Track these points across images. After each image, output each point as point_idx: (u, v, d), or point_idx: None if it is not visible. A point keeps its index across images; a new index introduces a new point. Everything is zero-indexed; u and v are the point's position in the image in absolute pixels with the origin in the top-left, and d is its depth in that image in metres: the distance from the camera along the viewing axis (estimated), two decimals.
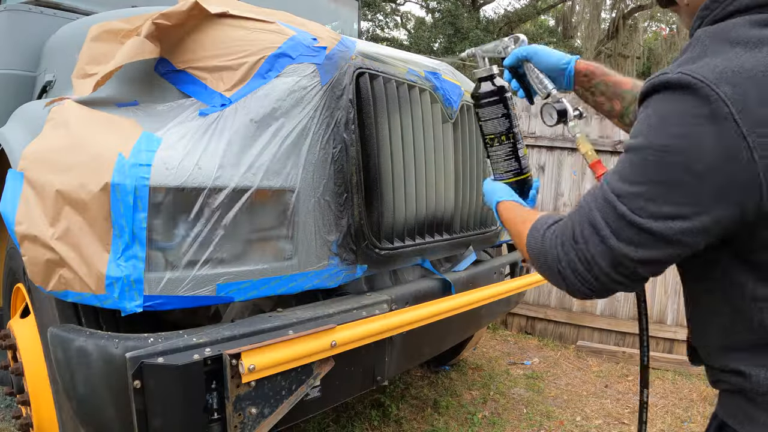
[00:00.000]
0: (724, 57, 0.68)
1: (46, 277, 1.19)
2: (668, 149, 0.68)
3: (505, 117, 1.13)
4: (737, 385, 0.81)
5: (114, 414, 1.10)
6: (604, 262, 0.75)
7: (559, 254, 0.81)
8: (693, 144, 0.67)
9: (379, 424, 2.64)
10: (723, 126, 0.65)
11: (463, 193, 2.06)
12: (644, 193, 0.71)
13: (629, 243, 0.73)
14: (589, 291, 0.80)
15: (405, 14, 16.65)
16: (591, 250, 0.76)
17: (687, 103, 0.67)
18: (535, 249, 0.88)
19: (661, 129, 0.70)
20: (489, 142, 1.15)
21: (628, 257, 0.73)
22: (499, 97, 1.13)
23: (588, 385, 3.39)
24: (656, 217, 0.70)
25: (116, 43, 1.54)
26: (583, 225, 0.78)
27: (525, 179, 1.15)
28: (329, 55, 1.46)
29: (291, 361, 1.19)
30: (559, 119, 1.10)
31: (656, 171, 0.70)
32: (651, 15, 13.94)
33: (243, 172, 1.26)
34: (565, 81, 1.14)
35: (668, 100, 0.70)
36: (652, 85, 0.72)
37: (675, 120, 0.68)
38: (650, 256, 0.73)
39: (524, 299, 4.04)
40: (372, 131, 1.55)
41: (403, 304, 1.62)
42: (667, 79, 0.70)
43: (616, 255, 0.74)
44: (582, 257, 0.78)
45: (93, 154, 1.16)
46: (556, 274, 0.83)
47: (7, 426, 2.28)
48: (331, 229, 1.46)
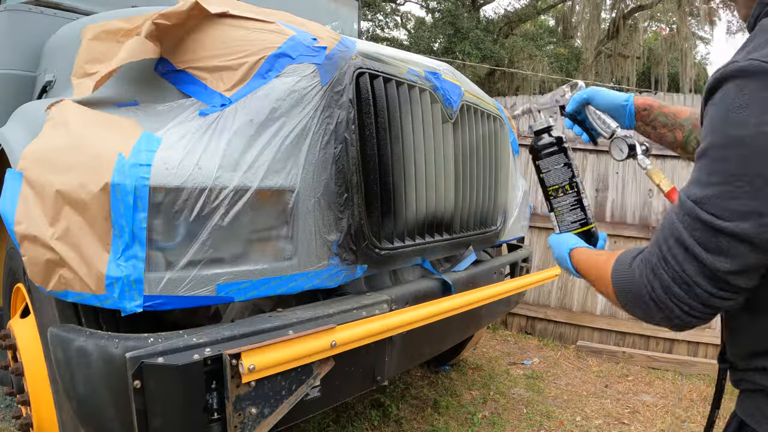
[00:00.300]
0: None
1: (46, 277, 1.19)
2: (749, 139, 0.64)
3: (567, 166, 1.13)
4: (759, 383, 0.79)
5: (114, 414, 1.10)
6: (704, 280, 0.69)
7: (652, 282, 0.74)
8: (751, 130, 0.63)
9: (379, 424, 2.64)
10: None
11: (463, 193, 2.06)
12: (726, 193, 0.66)
13: (720, 253, 0.67)
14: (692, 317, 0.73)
15: (405, 14, 16.65)
16: (686, 268, 0.70)
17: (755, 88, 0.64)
18: (623, 284, 0.80)
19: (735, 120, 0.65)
20: (552, 194, 1.14)
21: (726, 271, 0.68)
22: (559, 147, 1.13)
23: (588, 385, 3.39)
24: (744, 215, 0.65)
25: (115, 42, 1.54)
26: (669, 243, 0.72)
27: (590, 230, 1.13)
28: (329, 55, 1.46)
29: (291, 361, 1.19)
30: (629, 153, 1.08)
31: (732, 165, 0.66)
32: (651, 15, 13.94)
33: (243, 172, 1.26)
34: (626, 118, 1.14)
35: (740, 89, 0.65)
36: (723, 75, 0.68)
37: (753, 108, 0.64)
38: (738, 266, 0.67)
39: (524, 299, 4.05)
40: (372, 131, 1.55)
41: (403, 304, 1.62)
42: (739, 67, 0.66)
43: (710, 269, 0.68)
44: (678, 279, 0.71)
45: (93, 154, 1.16)
46: (651, 305, 0.76)
47: (7, 426, 2.28)
48: (331, 229, 1.46)
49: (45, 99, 1.92)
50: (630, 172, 4.10)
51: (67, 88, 1.73)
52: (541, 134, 1.17)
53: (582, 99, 1.16)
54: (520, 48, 13.03)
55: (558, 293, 4.29)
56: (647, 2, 12.54)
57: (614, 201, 4.14)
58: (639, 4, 12.79)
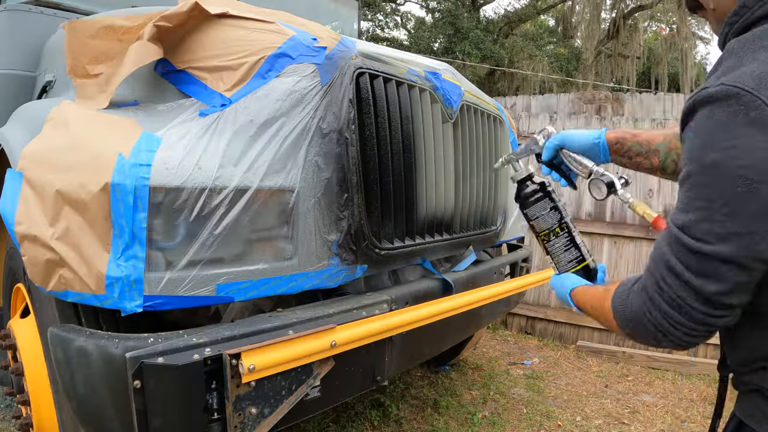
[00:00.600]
0: (760, 62, 0.67)
1: (46, 277, 1.19)
2: (720, 163, 0.66)
3: (554, 209, 1.14)
4: (757, 384, 0.81)
5: (114, 414, 1.10)
6: (697, 303, 0.72)
7: (650, 309, 0.77)
8: (744, 153, 0.65)
9: (379, 424, 2.64)
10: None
11: (463, 193, 2.06)
12: (706, 217, 0.68)
13: (709, 277, 0.70)
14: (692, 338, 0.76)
15: (405, 14, 16.64)
16: (680, 293, 0.73)
17: (729, 113, 0.66)
18: (623, 312, 0.84)
19: (709, 145, 0.68)
20: (545, 238, 1.15)
21: (715, 293, 0.70)
22: (544, 193, 1.15)
23: (588, 385, 3.39)
24: (725, 238, 0.67)
25: (116, 40, 1.54)
26: (662, 271, 0.75)
27: (588, 266, 1.14)
28: (329, 55, 1.46)
29: (291, 361, 1.19)
30: (608, 191, 1.09)
31: (709, 190, 0.68)
32: (651, 15, 13.93)
33: (243, 172, 1.26)
34: (601, 154, 1.15)
35: (709, 114, 0.68)
36: (694, 103, 0.71)
37: (722, 132, 0.66)
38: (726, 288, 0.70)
39: (524, 299, 4.05)
40: (372, 131, 1.55)
41: (403, 304, 1.62)
42: (708, 93, 0.68)
43: (700, 293, 0.71)
44: (674, 304, 0.74)
45: (93, 154, 1.16)
46: (653, 331, 0.78)
47: (7, 426, 2.28)
48: (331, 229, 1.46)
49: (45, 99, 1.92)
50: (630, 171, 4.10)
51: (67, 88, 1.73)
52: (524, 183, 1.18)
53: (554, 145, 1.17)
54: (520, 48, 13.03)
55: None
56: (647, 2, 12.54)
57: (614, 201, 4.14)
58: (639, 4, 12.79)
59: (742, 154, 0.65)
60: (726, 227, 0.67)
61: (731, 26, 0.77)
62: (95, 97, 1.45)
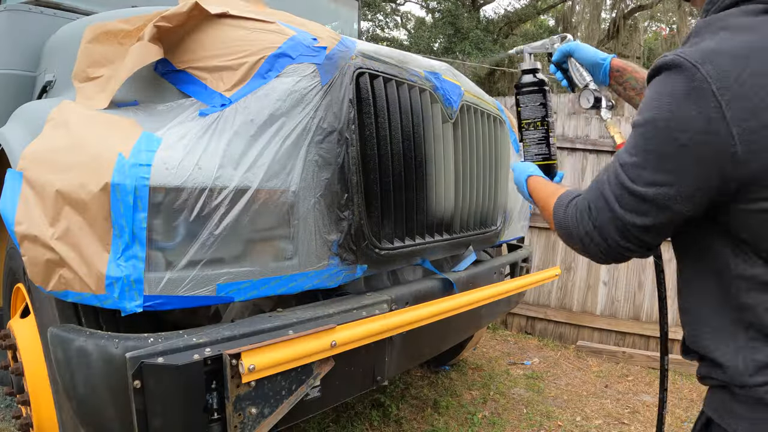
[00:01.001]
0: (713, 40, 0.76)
1: (46, 277, 1.19)
2: (658, 122, 0.77)
3: (542, 106, 1.30)
4: (719, 380, 0.86)
5: (114, 414, 1.10)
6: (613, 229, 0.85)
7: (579, 225, 0.92)
8: (678, 116, 0.75)
9: (379, 424, 2.64)
10: (704, 100, 0.72)
11: (463, 193, 2.06)
12: (640, 163, 0.80)
13: (631, 210, 0.82)
14: (603, 256, 0.90)
15: (405, 14, 16.64)
16: (601, 219, 0.86)
17: (676, 81, 0.75)
18: (559, 221, 0.99)
19: (654, 105, 0.78)
20: (525, 126, 1.30)
21: (631, 224, 0.83)
22: (539, 88, 1.30)
23: (588, 385, 3.39)
24: (649, 184, 0.79)
25: (117, 44, 1.54)
26: (597, 198, 0.88)
27: (551, 165, 1.29)
28: (329, 55, 1.46)
29: (291, 361, 1.19)
30: (594, 104, 1.24)
31: (648, 142, 0.79)
32: (651, 15, 13.93)
33: (243, 172, 1.26)
34: (601, 75, 1.28)
35: (663, 80, 0.78)
36: (655, 67, 0.81)
37: (665, 96, 0.77)
38: (649, 223, 0.82)
39: (524, 299, 4.05)
40: (372, 131, 1.55)
41: (403, 304, 1.62)
42: (663, 61, 0.79)
43: (622, 223, 0.84)
44: (596, 226, 0.88)
45: (93, 154, 1.16)
46: (577, 242, 0.93)
47: (7, 426, 2.28)
48: (331, 229, 1.46)
49: (45, 99, 1.93)
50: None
51: (67, 88, 1.73)
52: (528, 73, 1.32)
53: (565, 50, 1.31)
54: None
55: (558, 293, 4.29)
56: (647, 2, 12.53)
57: None
58: (639, 4, 12.79)
59: (676, 120, 0.75)
60: (653, 175, 0.79)
61: (707, 12, 0.85)
62: (95, 97, 1.45)
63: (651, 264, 3.99)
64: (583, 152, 4.24)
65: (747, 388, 0.81)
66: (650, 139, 0.79)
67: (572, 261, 4.23)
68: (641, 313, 4.02)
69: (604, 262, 0.92)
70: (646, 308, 4.01)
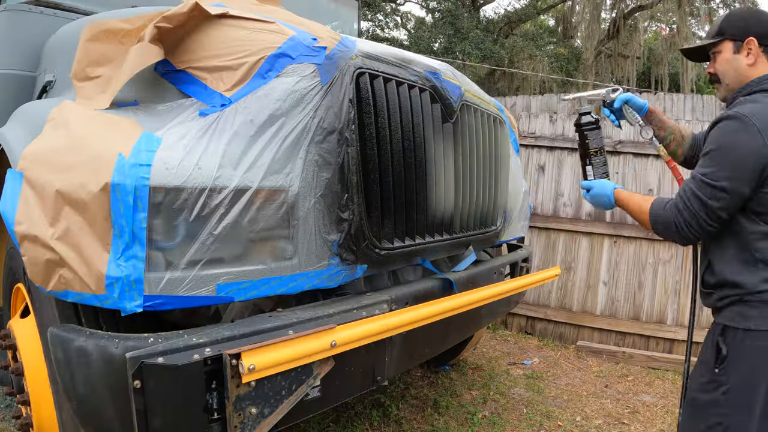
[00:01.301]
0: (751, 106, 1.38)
1: (46, 277, 1.19)
2: (726, 146, 1.38)
3: (601, 138, 1.77)
4: (736, 295, 1.42)
5: (114, 414, 1.10)
6: (703, 213, 1.40)
7: (677, 215, 1.44)
8: (738, 145, 1.36)
9: (379, 424, 2.64)
10: (754, 136, 1.34)
11: (463, 193, 2.06)
12: (716, 170, 1.38)
13: (712, 198, 1.38)
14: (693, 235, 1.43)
15: (405, 14, 16.63)
16: (695, 206, 1.40)
17: (736, 124, 1.37)
18: (659, 216, 1.49)
19: (724, 137, 1.39)
20: (594, 154, 1.76)
21: (713, 207, 1.38)
22: (597, 125, 1.78)
23: (588, 385, 3.39)
24: (722, 179, 1.36)
25: (117, 43, 1.54)
26: (689, 196, 1.42)
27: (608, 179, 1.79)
28: (329, 55, 1.46)
29: (291, 361, 1.19)
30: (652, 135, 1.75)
31: (721, 157, 1.38)
32: (651, 15, 13.93)
33: (243, 172, 1.26)
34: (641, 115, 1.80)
35: (726, 124, 1.39)
36: (721, 117, 1.41)
37: (730, 133, 1.38)
38: (723, 205, 1.38)
39: (524, 299, 4.05)
40: (372, 131, 1.55)
41: (403, 304, 1.62)
42: (727, 114, 1.39)
43: (708, 207, 1.39)
44: (691, 213, 1.41)
45: (93, 154, 1.16)
46: (674, 228, 1.45)
47: (7, 426, 2.28)
48: (331, 229, 1.46)
49: (45, 99, 1.92)
50: (630, 172, 4.10)
51: (67, 88, 1.73)
52: (587, 115, 1.77)
53: (624, 99, 1.77)
54: (520, 48, 13.02)
55: (558, 293, 4.29)
56: (647, 2, 12.53)
57: None
58: (639, 4, 12.79)
59: (737, 145, 1.36)
60: (726, 175, 1.36)
61: (740, 93, 1.50)
62: (96, 97, 1.45)
63: (651, 264, 3.99)
64: None
65: (758, 294, 1.38)
66: (722, 156, 1.38)
67: (572, 261, 4.23)
68: (641, 313, 4.02)
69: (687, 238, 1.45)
70: (646, 308, 4.01)
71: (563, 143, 4.28)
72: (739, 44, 1.48)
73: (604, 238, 4.14)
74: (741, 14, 1.53)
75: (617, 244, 4.10)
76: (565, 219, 4.27)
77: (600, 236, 4.15)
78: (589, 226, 4.16)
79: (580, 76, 12.48)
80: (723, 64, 1.53)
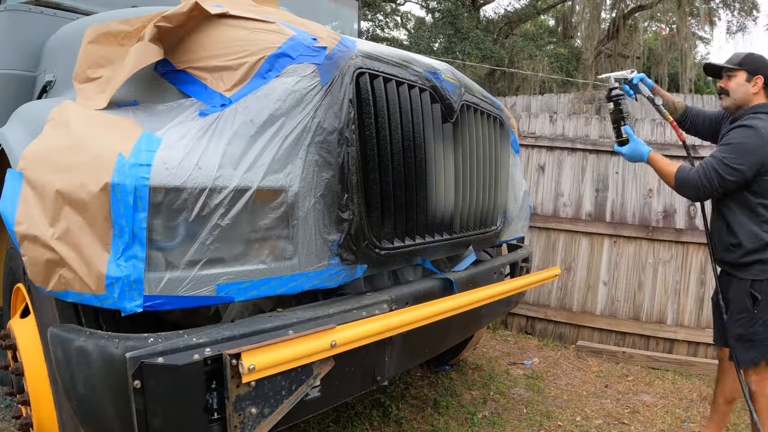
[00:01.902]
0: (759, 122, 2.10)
1: (46, 277, 1.19)
2: (740, 141, 2.09)
3: (628, 105, 2.37)
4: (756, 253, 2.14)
5: (114, 414, 1.10)
6: (718, 179, 2.09)
7: (699, 179, 2.12)
8: (749, 141, 2.08)
9: (379, 424, 2.64)
10: (760, 140, 2.07)
11: (463, 193, 2.06)
12: (732, 155, 2.08)
13: (726, 172, 2.07)
14: (704, 196, 2.18)
15: (405, 14, 16.63)
16: (712, 176, 2.09)
17: (749, 130, 2.09)
18: (683, 177, 2.17)
19: (741, 138, 2.10)
20: (625, 117, 2.34)
21: (726, 178, 2.08)
22: (624, 95, 2.39)
23: (588, 385, 3.39)
24: (735, 162, 2.06)
25: (117, 45, 1.54)
26: (708, 168, 2.10)
27: None
28: (329, 55, 1.46)
29: (291, 361, 1.19)
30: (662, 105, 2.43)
31: (736, 148, 2.09)
32: (651, 15, 13.93)
33: (243, 172, 1.26)
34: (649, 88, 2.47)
35: (742, 129, 2.12)
36: (740, 125, 2.14)
37: (745, 136, 2.09)
38: (733, 178, 2.08)
39: (524, 299, 4.05)
40: (372, 131, 1.55)
41: (403, 304, 1.62)
42: (744, 124, 2.13)
43: (722, 176, 2.08)
44: (708, 179, 2.10)
45: (93, 154, 1.16)
46: (693, 188, 2.15)
47: (7, 426, 2.28)
48: (331, 229, 1.46)
49: (45, 99, 1.92)
50: (630, 172, 4.10)
51: (67, 88, 1.73)
52: (614, 90, 2.36)
53: (640, 77, 2.41)
54: (520, 48, 13.02)
55: (558, 293, 4.29)
56: (647, 2, 12.53)
57: (614, 201, 4.14)
58: (639, 4, 12.79)
59: (749, 143, 2.08)
60: (738, 159, 2.07)
61: (747, 111, 2.18)
62: (95, 97, 1.45)
63: (651, 264, 3.99)
64: (583, 152, 4.24)
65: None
66: (736, 147, 2.08)
67: (572, 261, 4.23)
68: (641, 313, 4.02)
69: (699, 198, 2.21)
70: (646, 308, 4.01)
71: (563, 143, 4.28)
72: (751, 77, 2.18)
73: (604, 238, 4.14)
74: (759, 57, 2.22)
75: (617, 244, 4.10)
76: (565, 219, 4.27)
77: (600, 236, 4.15)
78: (589, 226, 4.16)
79: (580, 76, 12.47)
80: (735, 86, 2.22)
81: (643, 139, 3.26)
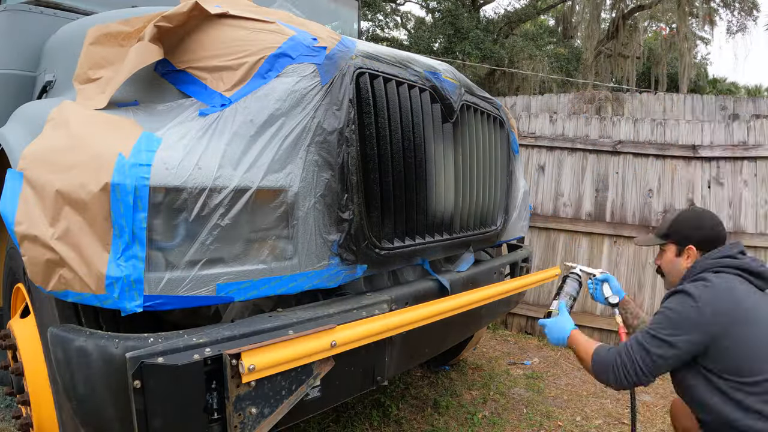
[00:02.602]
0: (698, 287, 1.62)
1: (46, 277, 1.19)
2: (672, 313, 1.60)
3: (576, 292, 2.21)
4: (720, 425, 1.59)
5: (114, 414, 1.10)
6: (643, 362, 1.60)
7: (617, 361, 1.64)
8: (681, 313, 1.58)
9: (379, 424, 2.64)
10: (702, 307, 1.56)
11: (463, 193, 2.06)
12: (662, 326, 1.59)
13: (657, 347, 1.58)
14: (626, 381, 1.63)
15: (405, 14, 16.64)
16: (636, 355, 1.61)
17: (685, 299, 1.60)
18: (601, 359, 1.70)
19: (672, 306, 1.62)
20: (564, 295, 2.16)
21: (655, 355, 1.58)
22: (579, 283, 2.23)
23: (588, 385, 3.39)
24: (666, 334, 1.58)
25: (116, 46, 1.54)
26: (633, 345, 1.63)
27: None
28: (329, 55, 1.46)
29: (291, 361, 1.19)
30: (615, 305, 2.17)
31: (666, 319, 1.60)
32: (651, 15, 13.94)
33: (243, 172, 1.26)
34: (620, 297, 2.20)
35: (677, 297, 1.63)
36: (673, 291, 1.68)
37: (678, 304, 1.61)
38: (665, 354, 1.58)
39: (524, 299, 4.05)
40: (372, 131, 1.55)
41: (403, 304, 1.62)
42: (678, 289, 1.65)
43: (651, 355, 1.59)
44: (630, 361, 1.61)
45: (93, 154, 1.16)
46: (611, 373, 1.65)
47: (7, 426, 2.28)
48: (331, 229, 1.46)
49: (45, 99, 1.92)
50: (630, 172, 4.10)
51: (67, 88, 1.73)
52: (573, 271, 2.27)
53: (603, 278, 2.22)
54: (520, 48, 13.02)
55: None
56: (647, 2, 12.54)
57: (614, 201, 4.14)
58: (639, 4, 12.79)
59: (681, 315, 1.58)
60: (668, 331, 1.58)
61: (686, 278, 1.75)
62: (95, 97, 1.45)
63: (651, 264, 3.99)
64: (582, 152, 4.24)
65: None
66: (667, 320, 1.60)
67: (572, 261, 4.23)
68: None
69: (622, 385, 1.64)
70: (646, 308, 4.01)
71: (563, 143, 4.28)
72: (681, 248, 1.81)
73: (604, 238, 4.15)
74: (687, 219, 1.83)
75: (617, 244, 4.10)
76: (565, 219, 4.27)
77: (600, 236, 4.15)
78: (589, 226, 4.16)
79: (580, 76, 12.48)
80: (667, 264, 1.87)
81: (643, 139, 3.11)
